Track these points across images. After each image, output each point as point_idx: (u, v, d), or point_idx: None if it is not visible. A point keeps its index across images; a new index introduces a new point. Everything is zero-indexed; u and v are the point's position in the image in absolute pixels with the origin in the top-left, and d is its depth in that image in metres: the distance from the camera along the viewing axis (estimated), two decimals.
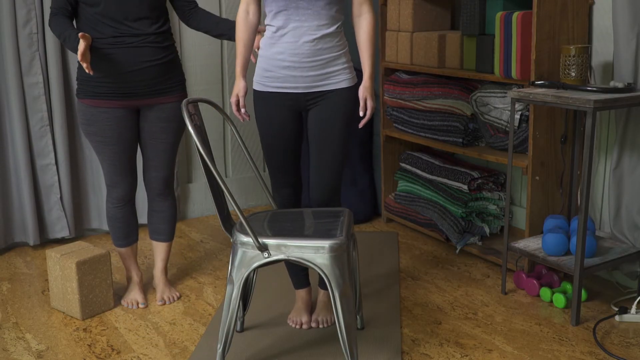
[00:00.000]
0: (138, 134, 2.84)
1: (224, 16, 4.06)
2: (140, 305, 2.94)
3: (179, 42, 3.96)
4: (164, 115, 2.81)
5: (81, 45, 2.47)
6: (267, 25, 2.51)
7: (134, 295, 2.97)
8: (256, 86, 2.57)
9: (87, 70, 2.51)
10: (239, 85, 2.55)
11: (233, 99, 2.56)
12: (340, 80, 2.51)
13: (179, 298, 3.05)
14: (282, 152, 2.58)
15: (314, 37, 2.43)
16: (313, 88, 2.50)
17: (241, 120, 2.58)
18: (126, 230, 2.94)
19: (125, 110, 2.75)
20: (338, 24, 2.48)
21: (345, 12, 2.60)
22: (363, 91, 2.49)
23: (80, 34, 2.48)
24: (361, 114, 2.50)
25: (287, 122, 2.56)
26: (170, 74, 2.79)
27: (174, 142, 2.89)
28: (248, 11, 2.53)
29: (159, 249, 3.03)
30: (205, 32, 2.90)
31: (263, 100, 2.55)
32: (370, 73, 2.52)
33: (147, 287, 3.14)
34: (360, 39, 2.51)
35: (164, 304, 3.00)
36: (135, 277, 3.01)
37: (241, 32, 2.54)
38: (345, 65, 2.52)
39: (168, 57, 2.77)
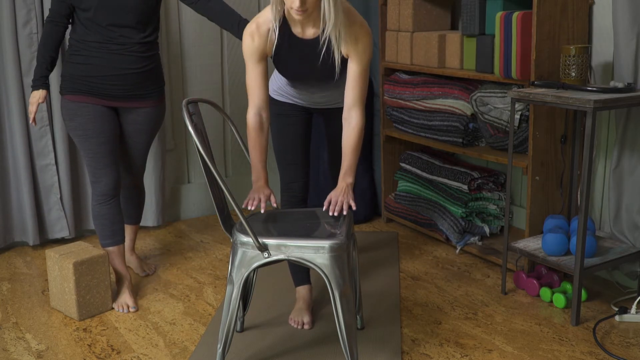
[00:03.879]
0: (119, 130, 2.98)
1: None
2: (131, 310, 2.92)
3: (180, 42, 3.96)
4: (140, 119, 2.99)
5: (35, 103, 2.86)
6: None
7: (124, 298, 2.95)
8: (272, 94, 2.69)
9: (31, 121, 2.89)
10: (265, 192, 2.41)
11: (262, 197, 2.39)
12: None
13: (156, 268, 3.36)
14: (294, 147, 2.69)
15: (324, 94, 2.60)
16: (326, 106, 2.68)
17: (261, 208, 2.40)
18: (112, 229, 2.96)
19: (105, 107, 2.90)
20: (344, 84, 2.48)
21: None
22: (340, 190, 2.36)
23: (41, 93, 2.87)
24: (330, 213, 2.32)
25: (300, 120, 2.70)
26: (148, 81, 2.94)
27: (147, 143, 3.08)
28: (261, 115, 2.47)
29: (128, 231, 3.26)
30: (212, 21, 3.02)
31: (278, 103, 2.68)
32: (348, 170, 2.40)
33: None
34: (345, 143, 2.43)
35: (147, 275, 3.28)
36: (124, 280, 3.00)
37: (255, 137, 2.46)
38: None
39: (149, 66, 2.92)
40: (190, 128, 2.16)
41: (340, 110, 2.56)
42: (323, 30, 2.34)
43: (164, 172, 3.93)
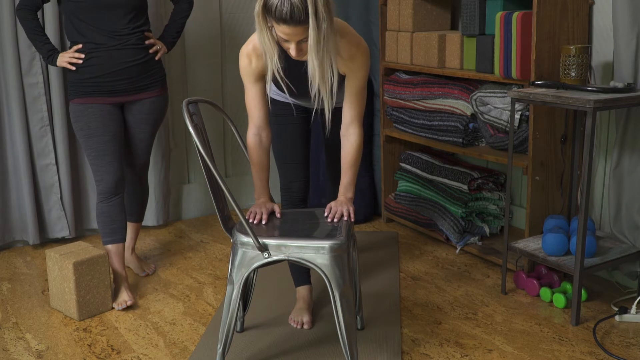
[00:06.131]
0: (123, 128, 3.04)
1: (224, 17, 4.07)
2: (128, 302, 2.93)
3: (181, 42, 3.96)
4: (145, 108, 3.05)
5: (69, 52, 2.91)
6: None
7: (123, 296, 2.96)
8: (270, 94, 2.64)
9: (75, 63, 2.89)
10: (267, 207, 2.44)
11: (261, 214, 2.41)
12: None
13: (156, 268, 3.35)
14: (293, 147, 2.68)
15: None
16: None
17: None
18: (111, 227, 2.98)
19: (111, 105, 2.96)
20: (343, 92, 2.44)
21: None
22: (340, 202, 2.40)
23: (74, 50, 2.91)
24: (329, 220, 2.37)
25: (299, 120, 2.68)
26: (150, 71, 3.02)
27: (152, 133, 3.13)
28: (260, 135, 2.47)
29: (130, 229, 3.26)
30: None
31: (277, 103, 2.65)
32: (347, 186, 2.44)
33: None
34: (344, 159, 2.45)
35: (147, 275, 3.28)
36: (121, 279, 3.00)
37: (256, 156, 2.47)
38: None
39: (148, 56, 3.00)
40: (190, 128, 2.16)
41: (339, 110, 2.53)
42: None
43: (164, 172, 3.93)
